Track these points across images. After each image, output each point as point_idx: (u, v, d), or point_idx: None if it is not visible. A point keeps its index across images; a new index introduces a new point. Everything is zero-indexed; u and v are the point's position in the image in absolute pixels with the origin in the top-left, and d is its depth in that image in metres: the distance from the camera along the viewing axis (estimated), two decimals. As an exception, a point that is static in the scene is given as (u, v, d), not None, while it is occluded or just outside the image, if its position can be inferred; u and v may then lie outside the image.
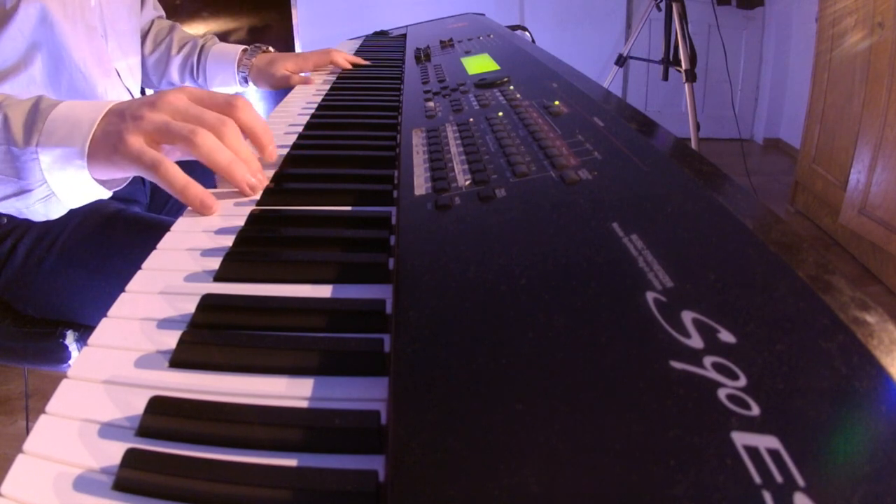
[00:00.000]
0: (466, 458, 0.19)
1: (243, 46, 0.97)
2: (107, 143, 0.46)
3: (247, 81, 0.97)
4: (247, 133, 0.51)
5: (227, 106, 0.49)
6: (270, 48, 0.99)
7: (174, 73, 0.98)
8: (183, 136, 0.45)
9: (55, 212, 0.52)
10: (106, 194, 0.52)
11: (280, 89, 0.96)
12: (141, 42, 0.96)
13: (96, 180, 0.49)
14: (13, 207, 0.51)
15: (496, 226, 0.34)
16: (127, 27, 0.83)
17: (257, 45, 0.98)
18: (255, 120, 0.51)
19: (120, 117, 0.46)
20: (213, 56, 0.96)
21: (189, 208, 0.46)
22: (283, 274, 0.36)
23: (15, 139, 0.47)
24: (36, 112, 0.47)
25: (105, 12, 0.76)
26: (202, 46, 0.97)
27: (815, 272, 0.25)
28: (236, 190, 0.48)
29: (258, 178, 0.48)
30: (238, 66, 0.96)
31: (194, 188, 0.45)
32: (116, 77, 0.79)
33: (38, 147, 0.46)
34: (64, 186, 0.49)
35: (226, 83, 0.98)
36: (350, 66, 1.02)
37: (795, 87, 2.58)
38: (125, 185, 0.54)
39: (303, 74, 0.97)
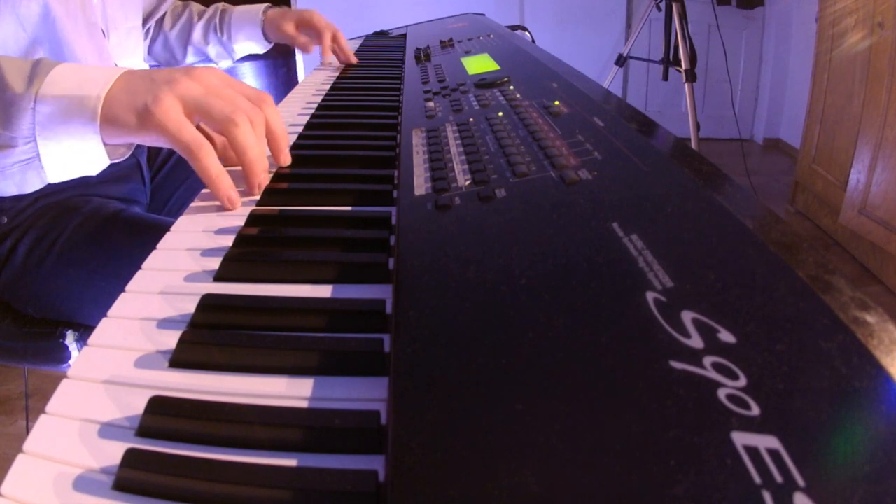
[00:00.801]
0: (466, 458, 0.19)
1: (266, 3, 1.02)
2: (132, 100, 0.42)
3: (267, 38, 1.02)
4: (269, 133, 0.49)
5: (258, 98, 0.47)
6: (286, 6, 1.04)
7: (198, 34, 1.00)
8: (224, 116, 0.43)
9: (31, 184, 0.46)
10: (101, 164, 0.47)
11: (284, 43, 1.02)
12: (159, 22, 1.00)
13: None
14: None
15: (496, 226, 0.34)
16: (128, 25, 0.83)
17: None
18: (279, 122, 0.49)
19: (147, 80, 0.43)
20: (237, 14, 1.01)
21: (190, 207, 0.46)
22: (283, 274, 0.36)
23: (10, 84, 0.42)
24: (38, 65, 0.44)
25: (107, 10, 0.76)
26: (222, 10, 1.01)
27: (815, 272, 0.25)
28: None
29: (265, 178, 0.47)
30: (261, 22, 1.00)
31: (226, 181, 0.43)
32: None
33: (37, 96, 0.42)
34: (54, 149, 0.44)
35: (249, 39, 1.02)
36: (331, 56, 1.05)
37: (795, 87, 2.58)
38: (127, 156, 0.50)
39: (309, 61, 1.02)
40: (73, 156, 0.45)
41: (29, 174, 0.45)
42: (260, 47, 1.04)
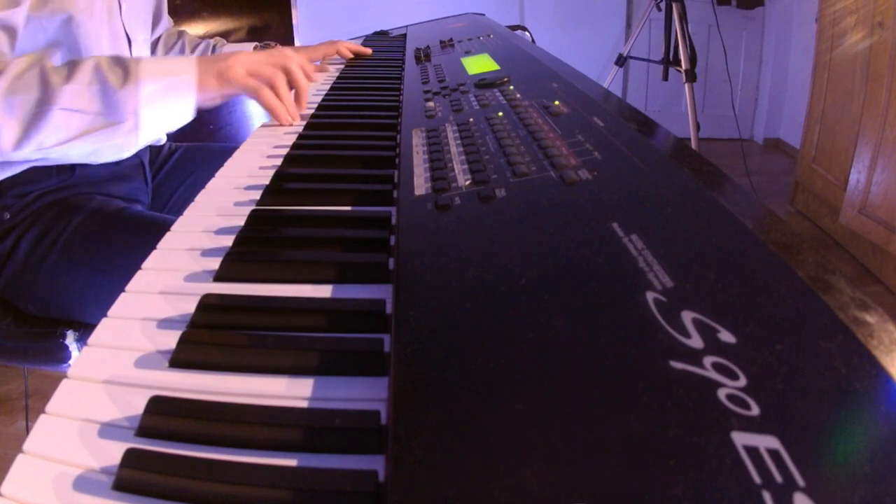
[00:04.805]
0: (466, 458, 0.19)
1: (254, 43, 1.05)
2: (213, 69, 0.63)
3: None
4: (292, 84, 0.71)
5: (291, 59, 0.70)
6: (277, 44, 1.06)
7: None
8: (268, 75, 0.67)
9: (128, 149, 0.62)
10: (187, 117, 0.65)
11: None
12: (152, 49, 1.01)
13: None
14: (89, 148, 0.59)
15: (496, 226, 0.34)
16: (144, 35, 0.85)
17: (266, 42, 1.06)
18: (299, 77, 0.72)
19: (218, 58, 0.65)
20: (227, 52, 1.02)
21: (191, 206, 0.46)
22: (283, 274, 0.36)
23: (112, 83, 0.57)
24: (123, 62, 0.59)
25: (131, 20, 0.77)
26: (214, 46, 1.03)
27: (815, 272, 0.25)
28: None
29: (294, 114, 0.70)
30: None
31: (281, 108, 0.69)
32: None
33: (139, 80, 0.58)
34: (153, 117, 0.60)
35: None
36: (351, 55, 1.09)
37: (795, 87, 2.58)
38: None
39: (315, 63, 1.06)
40: (170, 115, 0.63)
41: (129, 140, 0.61)
42: None
